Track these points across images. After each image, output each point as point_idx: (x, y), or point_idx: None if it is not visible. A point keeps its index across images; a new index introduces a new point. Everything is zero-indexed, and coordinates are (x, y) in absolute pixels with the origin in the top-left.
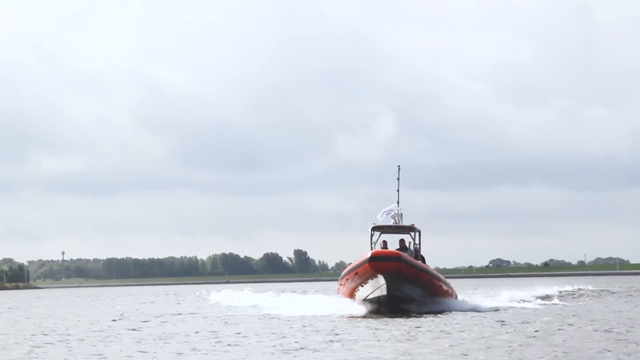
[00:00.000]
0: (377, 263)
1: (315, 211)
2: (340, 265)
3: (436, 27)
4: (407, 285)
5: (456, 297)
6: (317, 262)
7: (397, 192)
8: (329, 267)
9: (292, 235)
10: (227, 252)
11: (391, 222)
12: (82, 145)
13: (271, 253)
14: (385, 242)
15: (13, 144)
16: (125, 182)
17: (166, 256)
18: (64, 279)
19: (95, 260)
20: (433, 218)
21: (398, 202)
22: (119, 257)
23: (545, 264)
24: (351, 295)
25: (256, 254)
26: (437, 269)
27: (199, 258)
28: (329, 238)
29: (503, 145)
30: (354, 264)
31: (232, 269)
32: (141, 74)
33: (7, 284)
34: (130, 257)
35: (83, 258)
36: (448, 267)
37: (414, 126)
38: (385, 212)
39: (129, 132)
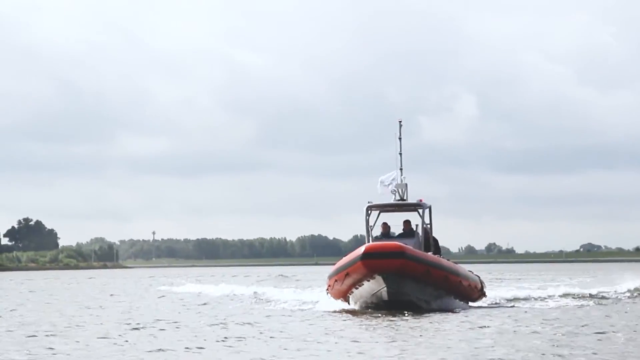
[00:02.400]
0: (373, 262)
1: None
2: None
3: (518, 10)
4: (414, 286)
5: (482, 295)
6: None
7: (399, 156)
8: None
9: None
10: (315, 234)
11: (390, 195)
12: (166, 126)
13: (360, 235)
14: (386, 225)
15: (99, 125)
16: (211, 163)
17: (256, 237)
18: (154, 259)
19: (185, 240)
20: (520, 202)
21: (401, 169)
22: (208, 238)
23: (637, 249)
24: (344, 297)
25: (345, 236)
26: (527, 253)
27: (287, 240)
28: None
29: (587, 128)
30: (344, 261)
31: (320, 250)
32: (223, 56)
33: (94, 263)
34: (219, 238)
35: (173, 238)
36: (538, 251)
37: (496, 109)
38: (383, 181)
39: (213, 113)
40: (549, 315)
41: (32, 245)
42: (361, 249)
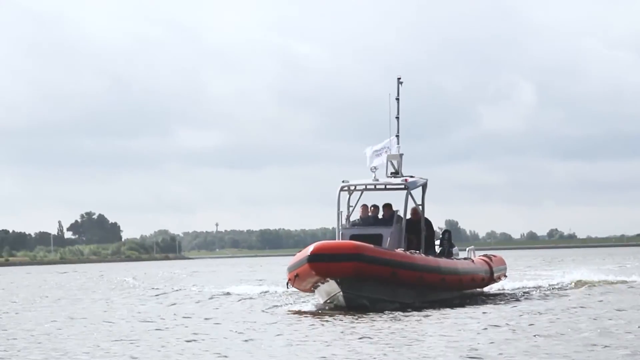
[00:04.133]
0: (321, 265)
1: (461, 181)
2: (491, 235)
3: None
4: (377, 289)
5: (489, 283)
6: (467, 232)
7: (396, 120)
8: (480, 237)
9: (441, 206)
10: None
11: (381, 166)
12: (222, 119)
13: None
14: (366, 208)
15: (156, 120)
16: (269, 155)
17: (318, 227)
18: (217, 250)
19: (249, 231)
20: (580, 188)
21: (398, 136)
22: (271, 229)
23: None
24: (310, 290)
25: None
26: (589, 238)
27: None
28: (477, 208)
29: None
30: (294, 260)
31: None
32: (277, 48)
33: (156, 255)
34: (282, 229)
35: (237, 229)
36: (600, 235)
37: (555, 97)
38: (375, 151)
39: (269, 106)
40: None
41: (95, 238)
42: (309, 249)
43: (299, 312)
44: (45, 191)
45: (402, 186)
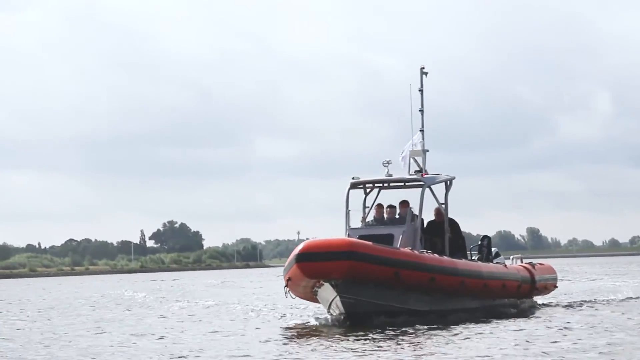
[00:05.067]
0: (309, 266)
1: (541, 190)
2: (573, 242)
3: None
4: (382, 294)
5: (529, 294)
6: (549, 240)
7: (420, 113)
8: (562, 244)
9: (522, 214)
10: None
11: (404, 164)
12: (302, 130)
13: (504, 231)
14: (381, 207)
15: (238, 130)
16: (348, 164)
17: None
18: None
19: None
20: None
21: (422, 131)
22: None
23: None
24: (310, 297)
25: (488, 232)
26: None
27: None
28: (558, 216)
29: None
30: (287, 261)
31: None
32: (356, 60)
33: (237, 263)
34: None
35: (318, 237)
36: None
37: (631, 106)
38: (408, 148)
39: (348, 116)
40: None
41: (177, 247)
42: (298, 248)
43: (285, 328)
44: (128, 200)
45: (418, 182)
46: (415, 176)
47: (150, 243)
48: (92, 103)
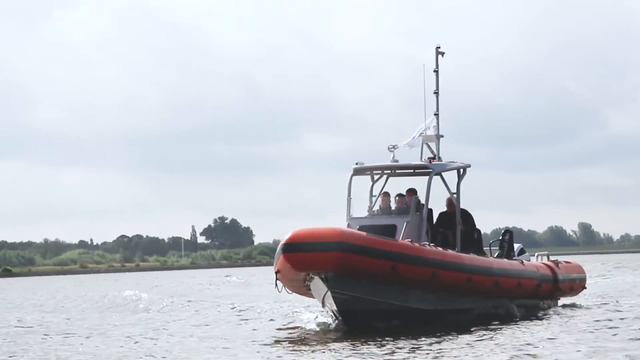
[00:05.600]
0: (295, 257)
1: (591, 185)
2: (625, 238)
3: None
4: (380, 290)
5: (551, 294)
6: (602, 235)
7: (434, 95)
8: (614, 240)
9: (573, 209)
10: (510, 226)
11: (416, 150)
12: (351, 125)
13: (555, 226)
14: (387, 196)
15: (288, 126)
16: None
17: None
18: None
19: None
20: None
21: (437, 115)
22: None
23: None
24: (304, 291)
25: (540, 227)
26: None
27: (482, 232)
28: (610, 211)
29: None
30: (276, 252)
31: (515, 242)
32: (404, 55)
33: None
34: None
35: None
36: None
37: None
38: (419, 132)
39: (397, 112)
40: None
41: (228, 243)
42: (284, 238)
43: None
44: (179, 197)
45: (426, 169)
46: (422, 162)
47: (201, 239)
48: (143, 100)
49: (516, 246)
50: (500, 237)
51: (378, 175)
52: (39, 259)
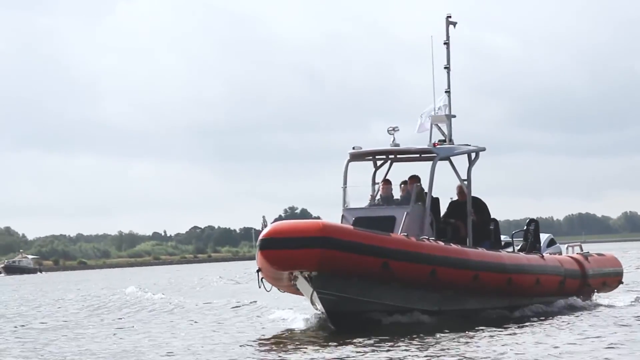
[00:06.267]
0: (273, 254)
1: None
2: None
3: None
4: (373, 290)
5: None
6: None
7: (445, 71)
8: None
9: None
10: (583, 212)
11: (424, 131)
12: (416, 111)
13: (629, 212)
14: (388, 184)
15: (353, 114)
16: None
17: (521, 217)
18: None
19: None
20: None
21: (448, 92)
22: None
23: None
24: (293, 290)
25: (614, 213)
26: None
27: (554, 218)
28: None
29: None
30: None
31: (589, 228)
32: (467, 39)
33: None
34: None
35: None
36: None
37: None
38: (426, 113)
39: (460, 96)
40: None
41: None
42: (262, 232)
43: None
44: (250, 187)
45: (430, 153)
46: (425, 147)
47: None
48: (209, 91)
49: (545, 236)
50: (525, 228)
51: (382, 162)
52: (114, 251)
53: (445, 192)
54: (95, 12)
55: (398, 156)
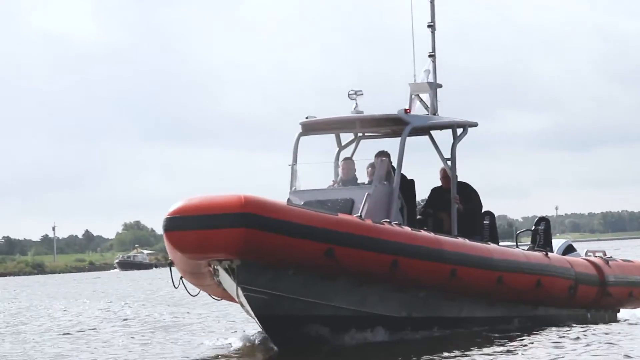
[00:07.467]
0: (180, 236)
1: None
2: None
3: None
4: (315, 288)
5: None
6: None
7: (429, 30)
8: None
9: None
10: None
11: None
12: (550, 101)
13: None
14: (349, 163)
15: (483, 104)
16: (601, 135)
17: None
18: (557, 234)
19: (590, 214)
20: None
21: (433, 56)
22: (613, 211)
23: None
24: (220, 292)
25: None
26: None
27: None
28: None
29: None
30: None
31: None
32: (599, 25)
33: None
34: (625, 211)
35: (577, 212)
36: None
37: None
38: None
39: (597, 86)
40: None
41: None
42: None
43: None
44: None
45: (398, 122)
46: (392, 114)
47: None
48: (335, 80)
49: (560, 242)
50: (534, 227)
51: (350, 139)
52: None
53: (429, 184)
54: (222, 4)
55: (362, 129)
